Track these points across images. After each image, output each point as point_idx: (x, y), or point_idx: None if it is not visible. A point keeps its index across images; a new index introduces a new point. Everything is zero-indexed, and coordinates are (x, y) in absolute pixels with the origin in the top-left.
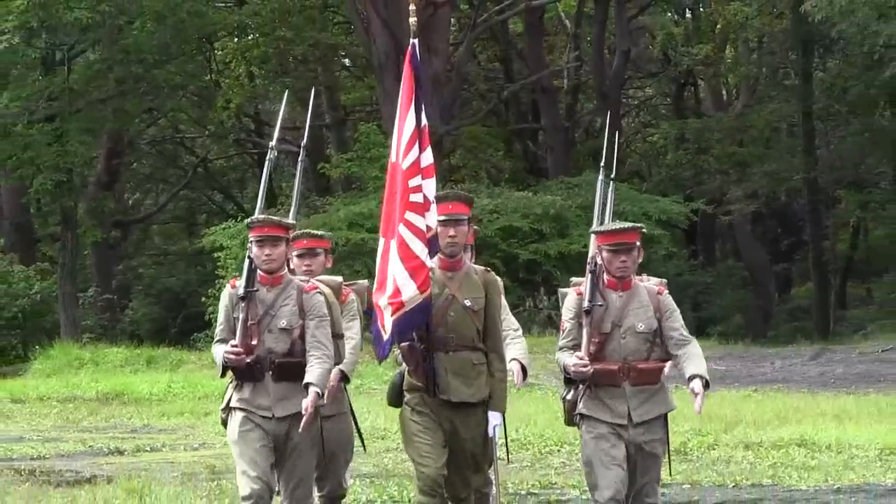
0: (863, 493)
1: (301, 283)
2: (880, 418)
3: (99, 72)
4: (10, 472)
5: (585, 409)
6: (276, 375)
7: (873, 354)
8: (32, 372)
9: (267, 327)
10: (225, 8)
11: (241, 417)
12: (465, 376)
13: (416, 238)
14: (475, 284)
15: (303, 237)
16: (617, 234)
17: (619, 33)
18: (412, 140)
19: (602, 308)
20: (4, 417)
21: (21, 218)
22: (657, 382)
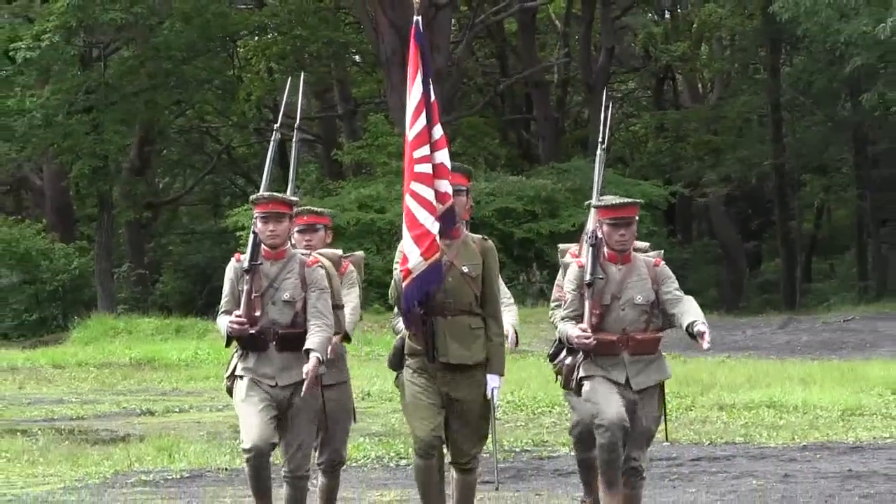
0: (827, 451)
1: (303, 257)
2: (842, 382)
3: (132, 67)
4: (51, 432)
5: (587, 371)
6: (279, 346)
7: (835, 324)
8: (72, 340)
9: (270, 299)
10: (246, 9)
11: (247, 381)
12: (463, 340)
13: (422, 207)
14: (473, 252)
15: (304, 213)
16: (617, 208)
17: (605, 32)
18: (417, 110)
19: (602, 281)
20: (46, 382)
21: (61, 200)
22: (654, 352)
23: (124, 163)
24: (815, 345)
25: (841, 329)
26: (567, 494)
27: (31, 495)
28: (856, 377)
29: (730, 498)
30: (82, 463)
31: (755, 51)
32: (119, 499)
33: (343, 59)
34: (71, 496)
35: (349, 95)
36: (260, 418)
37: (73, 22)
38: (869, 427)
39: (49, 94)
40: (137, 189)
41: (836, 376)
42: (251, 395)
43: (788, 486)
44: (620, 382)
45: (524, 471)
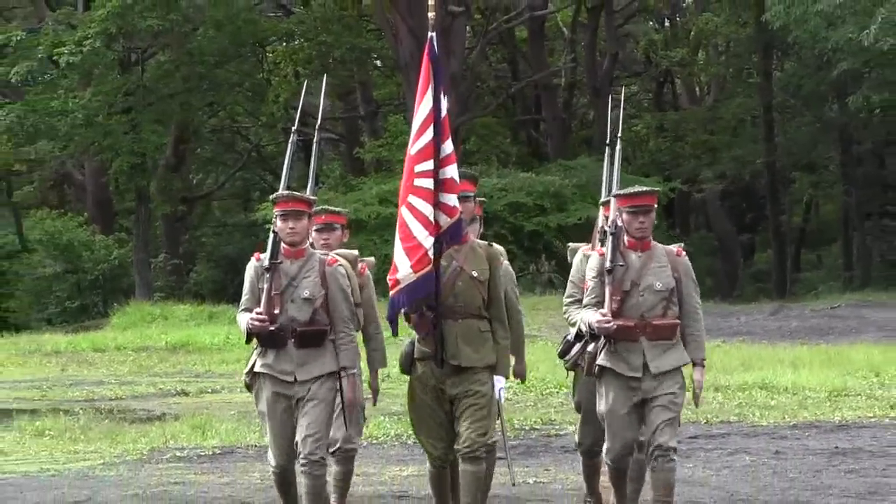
0: (815, 429)
1: (323, 256)
2: (829, 365)
3: (168, 71)
4: (92, 411)
5: (604, 362)
6: (297, 343)
7: (823, 311)
8: (111, 326)
9: (290, 297)
10: (275, 17)
11: (267, 389)
12: (472, 342)
13: (417, 221)
14: (480, 257)
15: (321, 213)
16: (636, 196)
17: (609, 39)
18: (424, 125)
19: (622, 268)
20: (87, 365)
21: (102, 195)
22: (672, 338)
23: (161, 160)
24: (804, 330)
25: (828, 316)
26: (573, 469)
27: (73, 470)
28: (842, 361)
29: (724, 473)
30: (121, 440)
31: (748, 56)
32: (155, 474)
33: (365, 64)
34: (110, 471)
35: (371, 97)
36: (285, 438)
37: (113, 29)
38: (854, 407)
39: (90, 96)
40: (173, 184)
41: (824, 360)
42: (274, 410)
43: (779, 461)
44: (638, 371)
45: (533, 447)
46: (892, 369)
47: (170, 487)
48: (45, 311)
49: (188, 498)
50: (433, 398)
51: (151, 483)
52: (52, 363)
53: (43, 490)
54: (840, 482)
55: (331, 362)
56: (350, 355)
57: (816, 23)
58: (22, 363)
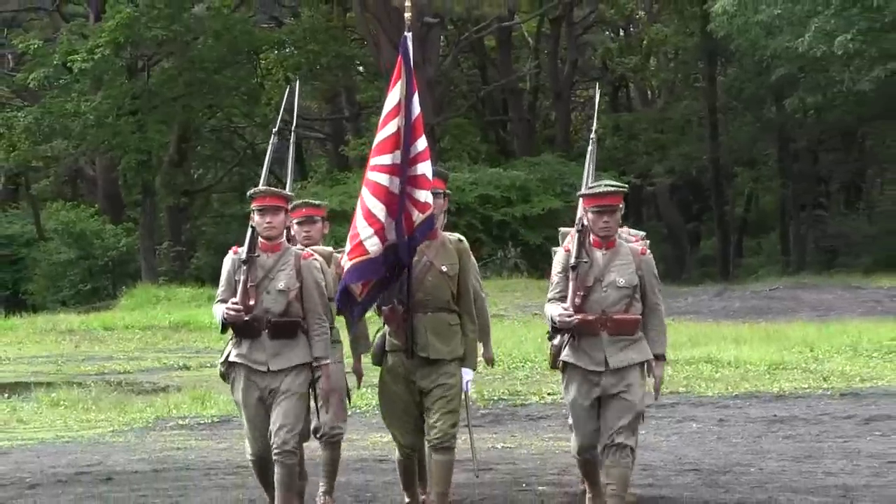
0: (755, 399)
1: (298, 250)
2: (768, 341)
3: (171, 77)
4: (102, 384)
5: (567, 357)
6: (271, 333)
7: (763, 293)
8: (120, 307)
9: (265, 289)
10: (268, 28)
11: (241, 378)
12: (442, 335)
13: (361, 213)
14: (450, 252)
15: (302, 206)
16: (601, 196)
17: (569, 47)
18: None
19: (587, 264)
20: (98, 342)
21: (111, 189)
22: (633, 334)
23: (165, 157)
24: (745, 310)
25: (767, 297)
26: (536, 436)
27: (85, 437)
28: (779, 337)
29: (674, 439)
30: (128, 410)
31: (695, 63)
32: (159, 440)
33: (349, 70)
34: (119, 438)
35: (354, 100)
36: (259, 428)
37: (122, 38)
38: (791, 379)
39: (101, 99)
40: (176, 179)
41: (763, 337)
42: (248, 400)
43: (723, 428)
44: (599, 365)
45: (501, 416)
46: (825, 345)
47: (173, 452)
48: (59, 294)
49: (189, 462)
50: (403, 389)
51: (156, 448)
52: (67, 341)
53: (58, 455)
54: (778, 447)
55: (303, 353)
56: (323, 346)
57: (756, 32)
58: (39, 341)
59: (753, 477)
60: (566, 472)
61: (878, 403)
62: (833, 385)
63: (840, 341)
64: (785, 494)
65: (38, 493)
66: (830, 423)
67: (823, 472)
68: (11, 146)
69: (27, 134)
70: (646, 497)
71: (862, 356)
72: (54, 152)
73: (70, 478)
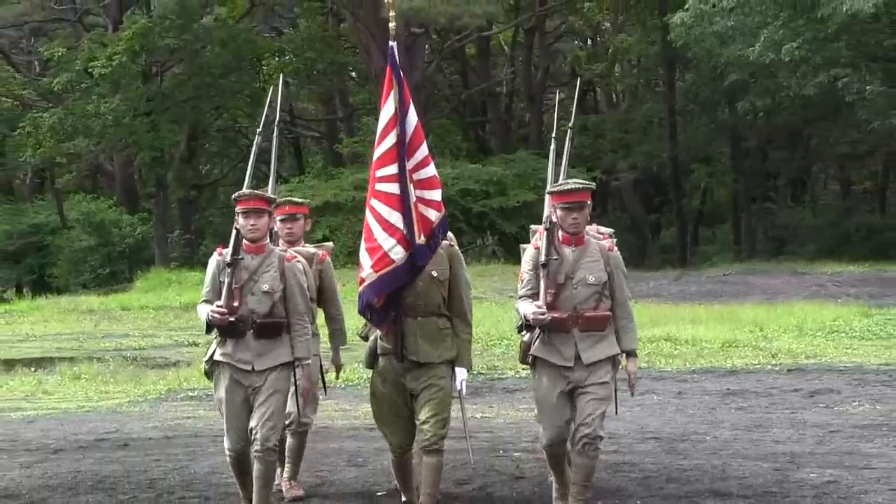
0: (710, 374)
1: (282, 252)
2: (722, 322)
3: (182, 81)
4: (119, 359)
5: (538, 353)
6: (256, 333)
7: (717, 277)
8: (135, 289)
9: (250, 290)
10: (269, 37)
11: (226, 377)
12: (432, 339)
13: (378, 224)
14: (441, 257)
15: (285, 204)
16: (569, 193)
17: (541, 55)
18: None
19: (557, 262)
20: (115, 321)
21: (128, 182)
22: (604, 329)
23: (176, 154)
24: (701, 293)
25: (721, 281)
26: (512, 406)
27: (104, 407)
28: (732, 318)
29: (636, 410)
30: (143, 383)
31: (656, 70)
32: (171, 410)
33: (342, 75)
34: (134, 408)
35: (347, 102)
36: (240, 425)
37: (137, 46)
38: (742, 356)
39: (118, 102)
40: (186, 174)
41: (717, 317)
42: (231, 398)
43: (681, 400)
44: (569, 360)
45: (480, 389)
46: (773, 325)
47: (183, 421)
48: (81, 277)
49: (198, 430)
50: (394, 390)
51: (168, 417)
52: (87, 320)
53: (80, 423)
54: (731, 417)
55: (286, 353)
56: (304, 347)
57: (711, 42)
58: (62, 320)
59: (709, 444)
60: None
61: (821, 378)
62: (781, 361)
63: (787, 322)
64: (737, 460)
65: (62, 457)
66: (778, 395)
67: (772, 440)
68: (38, 144)
69: (52, 133)
70: (611, 463)
71: (807, 335)
72: (76, 149)
73: (90, 444)
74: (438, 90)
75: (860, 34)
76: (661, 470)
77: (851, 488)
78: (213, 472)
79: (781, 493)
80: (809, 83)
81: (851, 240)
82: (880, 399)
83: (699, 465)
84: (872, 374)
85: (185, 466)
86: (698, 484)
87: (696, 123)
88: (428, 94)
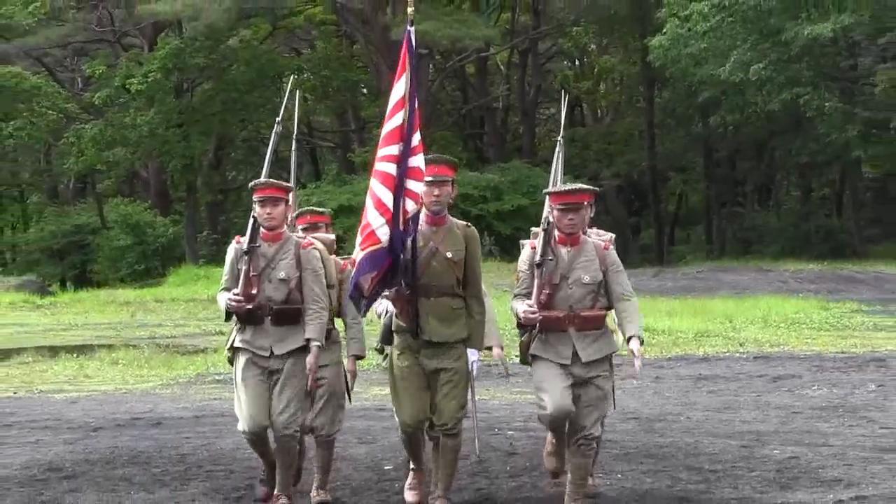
0: (684, 361)
1: (298, 239)
2: (695, 314)
3: (210, 96)
4: (153, 346)
5: (536, 351)
6: (274, 320)
7: (691, 274)
8: (168, 283)
9: (267, 278)
10: (289, 56)
11: (245, 361)
12: (445, 319)
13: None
14: (457, 238)
15: (307, 213)
16: (566, 194)
17: (534, 74)
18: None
19: (552, 262)
20: (150, 311)
21: (161, 187)
22: (601, 328)
23: (204, 161)
24: (676, 289)
25: (694, 278)
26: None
27: (139, 389)
28: (704, 311)
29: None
30: (174, 367)
31: (636, 87)
32: (200, 392)
33: (355, 91)
34: (166, 390)
35: (359, 116)
36: (256, 409)
37: (170, 65)
38: (713, 345)
39: (153, 115)
40: (214, 180)
41: (691, 310)
42: (247, 379)
43: (658, 384)
44: (567, 359)
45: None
46: (741, 317)
47: (211, 402)
48: (118, 273)
49: (224, 410)
50: (413, 362)
51: (197, 399)
52: (124, 310)
53: (117, 403)
54: (703, 400)
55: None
56: (315, 328)
57: (686, 62)
58: (101, 311)
59: (683, 424)
60: (531, 420)
61: (784, 365)
62: (748, 350)
63: (753, 314)
64: (708, 438)
65: (101, 434)
66: (746, 380)
67: (740, 420)
68: (80, 153)
69: (93, 143)
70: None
71: (771, 326)
72: (115, 158)
73: (127, 422)
74: (441, 105)
75: (819, 56)
76: (640, 447)
77: (811, 463)
78: (238, 448)
79: (748, 467)
80: (774, 100)
81: (811, 240)
82: (837, 384)
83: (674, 443)
84: (830, 361)
85: (213, 443)
86: (673, 459)
87: (673, 136)
88: (431, 108)
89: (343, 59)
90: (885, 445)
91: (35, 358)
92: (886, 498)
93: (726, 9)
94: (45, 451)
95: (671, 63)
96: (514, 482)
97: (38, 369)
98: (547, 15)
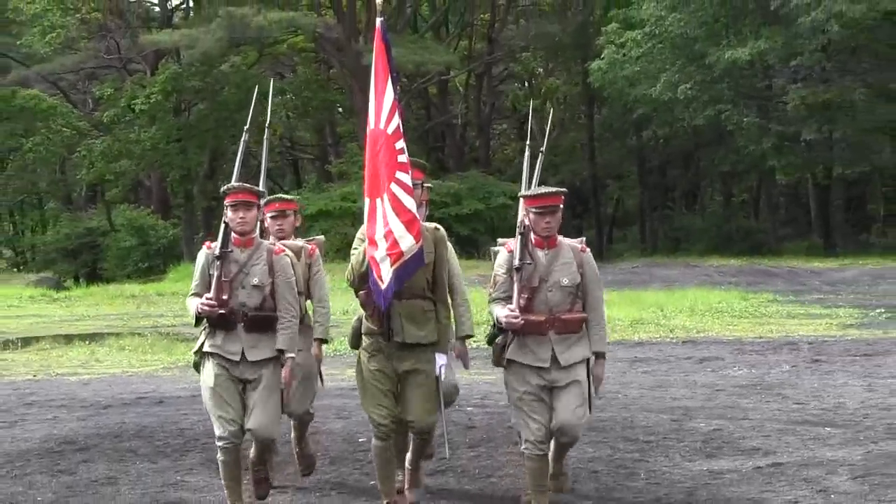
0: (621, 345)
1: (270, 246)
2: (630, 304)
3: (205, 115)
4: (156, 334)
5: (512, 356)
6: (247, 326)
7: (627, 269)
8: (168, 279)
9: (240, 284)
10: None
11: (214, 364)
12: (416, 321)
13: (406, 194)
14: (427, 241)
15: (275, 201)
16: (542, 197)
17: (488, 94)
18: (394, 108)
19: (531, 266)
20: (152, 304)
21: (162, 195)
22: (579, 331)
23: (200, 172)
24: (615, 282)
25: (630, 272)
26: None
27: (144, 372)
28: (639, 301)
29: None
30: (174, 352)
31: (578, 106)
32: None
33: (332, 110)
34: (167, 373)
35: (335, 132)
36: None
37: (170, 87)
38: (647, 331)
39: (155, 131)
40: (208, 188)
41: (627, 301)
42: (220, 384)
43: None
44: (545, 362)
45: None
46: (671, 307)
47: None
48: (125, 270)
49: None
50: (383, 364)
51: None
52: (130, 303)
53: (124, 384)
54: (638, 379)
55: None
56: (286, 339)
57: (622, 83)
58: (110, 303)
59: (620, 401)
60: (488, 398)
61: (709, 348)
62: (677, 335)
63: (682, 304)
64: (643, 413)
65: (110, 412)
66: (675, 362)
67: (671, 397)
68: (91, 165)
69: (102, 156)
70: None
71: (697, 314)
72: (121, 169)
73: (132, 401)
74: (407, 122)
75: (739, 77)
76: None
77: (732, 435)
78: None
79: (677, 438)
80: (699, 116)
81: (732, 239)
82: (755, 365)
83: (613, 417)
84: (749, 345)
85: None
86: (612, 432)
87: (610, 148)
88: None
89: (321, 82)
90: (797, 419)
91: (52, 345)
92: (798, 464)
93: (657, 37)
94: (61, 426)
95: (609, 84)
96: (473, 452)
97: (55, 355)
98: (500, 42)
